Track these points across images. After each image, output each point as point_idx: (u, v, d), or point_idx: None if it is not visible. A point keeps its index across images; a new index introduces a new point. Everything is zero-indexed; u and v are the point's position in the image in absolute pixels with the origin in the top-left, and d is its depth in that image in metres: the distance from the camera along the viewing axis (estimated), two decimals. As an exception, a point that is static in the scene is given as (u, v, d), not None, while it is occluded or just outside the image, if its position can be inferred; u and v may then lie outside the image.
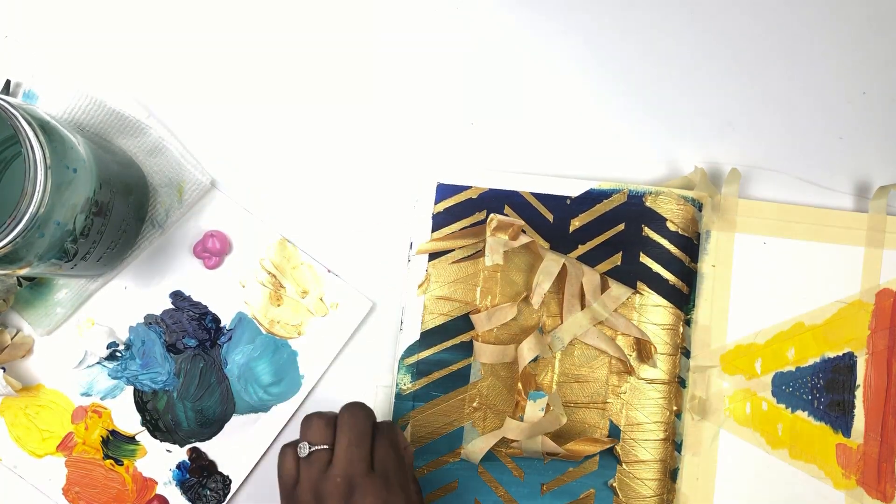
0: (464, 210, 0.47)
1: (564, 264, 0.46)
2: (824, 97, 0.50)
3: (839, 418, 0.48)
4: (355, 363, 0.48)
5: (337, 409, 0.41)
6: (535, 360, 0.46)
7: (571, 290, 0.46)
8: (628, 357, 0.47)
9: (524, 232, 0.47)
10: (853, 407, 0.47)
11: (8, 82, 0.47)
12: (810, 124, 0.50)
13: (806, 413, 0.48)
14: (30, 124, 0.36)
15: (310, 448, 0.39)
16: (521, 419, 0.45)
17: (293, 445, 0.41)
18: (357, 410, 0.40)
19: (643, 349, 0.47)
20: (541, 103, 0.49)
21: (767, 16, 0.50)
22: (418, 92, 0.49)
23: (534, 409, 0.44)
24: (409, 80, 0.49)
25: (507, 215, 0.47)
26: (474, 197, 0.48)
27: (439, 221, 0.47)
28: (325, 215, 0.48)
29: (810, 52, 0.50)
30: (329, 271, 0.48)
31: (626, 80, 0.50)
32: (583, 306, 0.47)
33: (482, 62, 0.49)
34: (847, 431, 0.47)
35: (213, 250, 0.47)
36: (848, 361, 0.48)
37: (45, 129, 0.37)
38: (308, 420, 0.41)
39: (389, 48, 0.49)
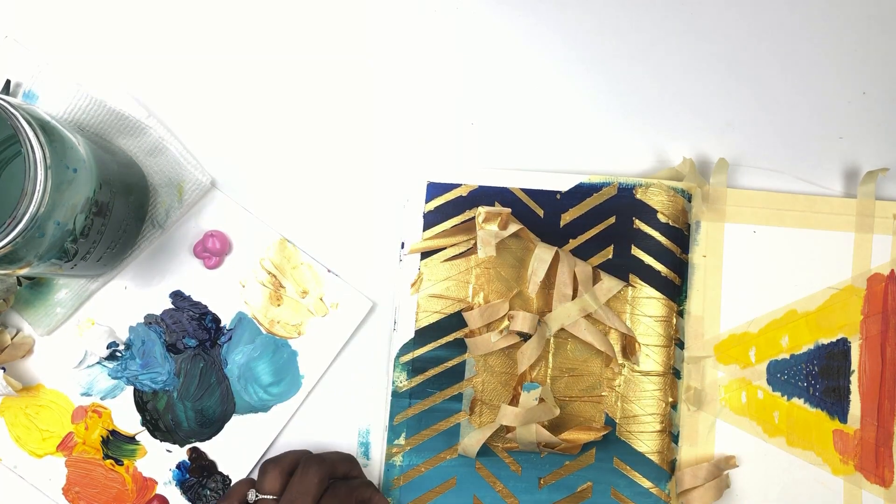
0: (454, 208, 0.48)
1: (557, 253, 0.46)
2: (824, 97, 0.50)
3: (835, 404, 0.47)
4: (355, 363, 0.48)
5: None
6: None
7: (563, 279, 0.46)
8: (615, 351, 0.47)
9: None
10: (848, 392, 0.47)
11: (8, 82, 0.47)
12: (810, 124, 0.49)
13: (802, 400, 0.47)
14: (30, 124, 0.36)
15: (256, 496, 0.42)
16: None
17: (246, 486, 0.43)
18: (309, 468, 0.42)
19: (628, 345, 0.47)
20: (529, 99, 0.49)
21: (766, 16, 0.50)
22: (413, 92, 0.49)
23: (528, 399, 0.44)
24: (405, 80, 0.49)
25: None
26: (464, 195, 0.48)
27: (430, 220, 0.48)
28: (325, 215, 0.48)
29: (810, 51, 0.50)
30: (329, 271, 0.48)
31: (618, 76, 0.50)
32: (575, 297, 0.47)
33: (469, 61, 0.50)
34: (843, 417, 0.47)
35: (213, 250, 0.48)
36: (842, 347, 0.48)
37: (45, 129, 0.37)
38: (265, 467, 0.43)
39: (383, 51, 0.49)
